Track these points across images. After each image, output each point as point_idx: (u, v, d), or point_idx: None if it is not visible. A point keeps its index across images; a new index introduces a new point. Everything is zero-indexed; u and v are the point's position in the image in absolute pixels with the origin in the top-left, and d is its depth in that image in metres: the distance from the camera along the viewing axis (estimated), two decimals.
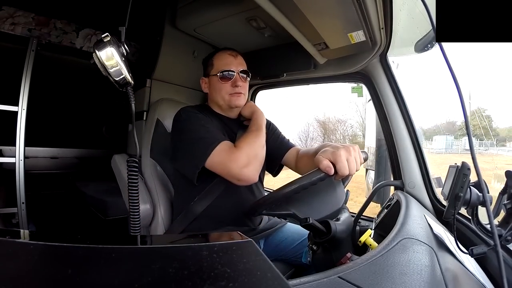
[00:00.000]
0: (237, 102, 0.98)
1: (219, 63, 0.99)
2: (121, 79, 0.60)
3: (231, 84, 0.96)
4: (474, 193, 0.62)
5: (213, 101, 1.03)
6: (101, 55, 0.58)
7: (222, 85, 0.97)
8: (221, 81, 0.96)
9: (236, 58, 1.00)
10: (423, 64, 1.20)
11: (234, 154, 0.82)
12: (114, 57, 0.58)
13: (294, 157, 1.08)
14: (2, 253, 0.24)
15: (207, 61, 1.04)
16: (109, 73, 0.59)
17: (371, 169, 1.43)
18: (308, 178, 0.64)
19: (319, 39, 0.96)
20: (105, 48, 0.58)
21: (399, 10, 0.84)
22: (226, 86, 0.97)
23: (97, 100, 2.23)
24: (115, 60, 0.58)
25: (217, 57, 1.01)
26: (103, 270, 0.23)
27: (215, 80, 0.98)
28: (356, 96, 1.30)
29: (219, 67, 0.98)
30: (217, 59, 1.00)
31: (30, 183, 1.46)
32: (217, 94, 0.99)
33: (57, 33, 1.49)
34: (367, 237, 0.68)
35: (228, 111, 1.03)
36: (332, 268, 0.46)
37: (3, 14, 1.33)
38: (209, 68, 1.01)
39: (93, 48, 0.58)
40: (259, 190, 1.06)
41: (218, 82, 0.97)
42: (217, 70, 0.97)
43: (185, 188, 0.96)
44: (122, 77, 0.60)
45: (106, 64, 0.58)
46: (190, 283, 0.22)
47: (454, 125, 3.76)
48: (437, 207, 1.03)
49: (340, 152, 0.64)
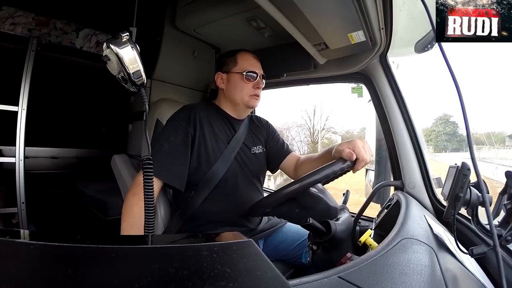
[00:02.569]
0: (254, 104, 1.00)
1: (244, 62, 0.99)
2: (139, 80, 0.57)
3: (253, 85, 0.98)
4: (474, 193, 0.62)
5: (229, 98, 1.01)
6: (122, 54, 0.55)
7: (245, 84, 0.97)
8: (245, 81, 0.97)
9: (258, 61, 1.02)
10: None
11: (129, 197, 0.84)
12: (134, 56, 0.56)
13: (293, 163, 1.10)
14: (2, 253, 0.24)
15: (228, 57, 1.02)
16: (128, 73, 0.56)
17: (371, 169, 1.43)
18: (331, 167, 0.67)
19: (319, 40, 0.96)
20: (126, 46, 0.55)
21: (399, 10, 0.84)
22: (248, 86, 0.98)
23: (97, 100, 2.23)
24: (135, 58, 0.56)
25: (241, 56, 1.01)
26: (103, 270, 0.23)
27: (238, 78, 0.98)
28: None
29: (244, 66, 0.98)
30: (241, 58, 1.00)
31: (30, 183, 1.46)
32: (237, 92, 0.99)
33: (57, 33, 1.49)
34: (367, 237, 0.68)
35: (241, 111, 1.03)
36: (332, 268, 0.46)
37: (3, 14, 1.33)
38: (231, 65, 1.00)
39: (108, 46, 0.55)
40: (258, 190, 1.07)
41: (241, 80, 0.97)
42: (241, 69, 0.98)
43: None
44: (141, 77, 0.57)
45: (126, 64, 0.55)
46: (190, 283, 0.22)
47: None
48: (437, 207, 1.03)
49: (357, 141, 0.73)
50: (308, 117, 13.83)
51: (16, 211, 1.40)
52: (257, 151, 1.07)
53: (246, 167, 1.02)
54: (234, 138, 1.01)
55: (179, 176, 0.91)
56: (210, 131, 0.97)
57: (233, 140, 1.00)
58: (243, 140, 1.03)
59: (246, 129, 1.06)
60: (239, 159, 1.00)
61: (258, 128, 1.12)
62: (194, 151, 0.94)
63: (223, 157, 0.97)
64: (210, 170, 0.94)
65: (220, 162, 0.96)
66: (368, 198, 1.07)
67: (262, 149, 1.09)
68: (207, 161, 0.94)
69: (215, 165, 0.95)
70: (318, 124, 13.86)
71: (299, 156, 1.12)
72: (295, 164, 1.10)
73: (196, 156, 0.94)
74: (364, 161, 0.72)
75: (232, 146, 0.99)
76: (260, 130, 1.12)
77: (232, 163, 0.98)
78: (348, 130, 14.74)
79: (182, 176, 0.91)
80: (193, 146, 0.94)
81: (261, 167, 1.09)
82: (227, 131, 1.02)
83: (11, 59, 1.45)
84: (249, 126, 1.09)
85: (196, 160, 0.94)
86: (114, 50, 0.55)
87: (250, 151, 1.05)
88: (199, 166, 0.94)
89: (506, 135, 4.47)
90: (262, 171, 1.10)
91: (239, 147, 1.01)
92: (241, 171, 1.00)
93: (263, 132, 1.13)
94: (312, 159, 1.03)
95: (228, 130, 1.02)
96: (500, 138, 6.81)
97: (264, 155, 1.10)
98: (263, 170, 1.11)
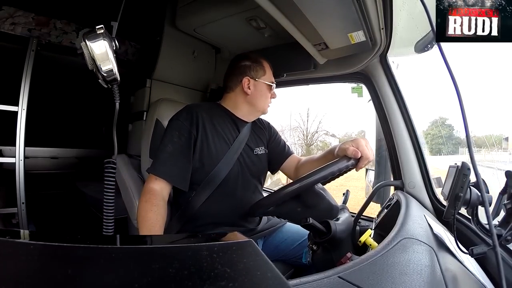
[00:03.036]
0: (268, 110, 1.07)
1: (270, 73, 1.05)
2: (109, 75, 0.57)
3: (272, 95, 1.06)
4: (474, 193, 0.62)
5: (251, 103, 1.03)
6: (93, 47, 0.54)
7: (269, 94, 1.05)
8: (270, 91, 1.04)
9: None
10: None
11: (142, 205, 0.86)
12: (106, 50, 0.55)
13: (293, 165, 1.11)
14: (2, 253, 0.24)
15: (255, 63, 1.02)
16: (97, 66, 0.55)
17: (371, 169, 1.43)
18: (336, 165, 0.68)
19: (319, 39, 0.96)
20: (98, 40, 0.54)
21: (399, 10, 0.84)
22: (269, 96, 1.05)
23: (97, 100, 2.22)
24: (107, 53, 0.55)
25: (267, 65, 1.05)
26: (103, 270, 0.23)
27: (265, 87, 1.03)
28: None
29: (270, 77, 1.05)
30: (268, 68, 1.05)
31: (30, 183, 1.46)
32: (262, 100, 1.03)
33: (57, 33, 1.49)
34: (367, 237, 0.68)
35: (254, 115, 1.07)
36: (332, 268, 0.46)
37: (3, 14, 1.33)
38: (260, 73, 1.02)
39: (83, 38, 0.54)
40: (259, 191, 1.07)
41: (268, 90, 1.04)
42: (270, 80, 1.04)
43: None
44: (111, 72, 0.57)
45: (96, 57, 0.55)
46: (190, 283, 0.22)
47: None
48: (437, 207, 1.03)
49: (361, 140, 0.75)
50: (302, 119, 14.08)
51: (16, 211, 1.40)
52: (260, 152, 1.07)
53: (247, 168, 1.02)
54: (237, 139, 1.01)
55: (183, 176, 0.91)
56: (213, 132, 0.97)
57: (237, 141, 1.00)
58: (246, 141, 1.03)
59: (249, 130, 1.07)
60: (241, 160, 1.01)
61: (260, 129, 1.12)
62: (196, 152, 0.94)
63: (226, 158, 0.97)
64: (212, 170, 0.94)
65: (222, 163, 0.96)
66: (368, 198, 1.07)
67: (264, 150, 1.10)
68: (210, 162, 0.94)
69: (218, 165, 0.95)
70: (312, 127, 14.08)
71: (300, 157, 1.12)
72: (295, 165, 1.10)
73: (198, 157, 0.94)
74: (368, 159, 0.74)
75: (235, 147, 1.00)
76: (263, 131, 1.13)
77: (235, 164, 0.98)
78: (346, 132, 14.88)
79: (186, 176, 0.92)
80: (196, 147, 0.94)
81: (262, 168, 1.09)
82: (232, 131, 1.02)
83: (11, 59, 1.45)
84: (252, 127, 1.09)
85: (198, 160, 0.94)
86: (87, 43, 0.54)
87: (252, 152, 1.05)
88: (201, 166, 0.94)
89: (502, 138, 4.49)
90: (263, 172, 1.10)
91: (242, 148, 1.01)
92: (242, 172, 1.00)
93: (265, 133, 1.13)
94: (313, 160, 1.03)
95: (232, 131, 1.02)
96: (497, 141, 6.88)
97: (266, 156, 1.11)
98: (264, 171, 1.11)
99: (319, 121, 14.11)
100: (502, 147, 3.90)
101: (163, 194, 0.89)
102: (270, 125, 1.18)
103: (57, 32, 1.49)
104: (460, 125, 0.48)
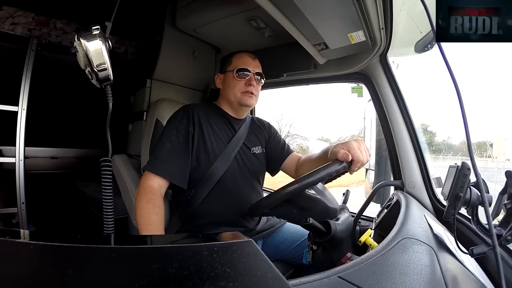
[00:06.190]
0: (248, 101, 1.00)
1: (237, 61, 1.02)
2: (103, 75, 0.57)
3: (245, 82, 0.99)
4: (474, 193, 0.62)
5: (225, 97, 1.04)
6: (89, 47, 0.54)
7: (237, 82, 0.99)
8: (237, 78, 0.99)
9: (254, 60, 1.04)
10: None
11: (143, 205, 0.85)
12: (102, 50, 0.55)
13: (294, 164, 1.10)
14: (2, 253, 0.24)
15: (226, 58, 1.07)
16: (92, 66, 0.56)
17: (371, 169, 1.43)
18: (325, 170, 0.66)
19: (319, 39, 0.96)
20: (94, 40, 0.55)
21: (399, 10, 0.84)
22: (240, 84, 0.99)
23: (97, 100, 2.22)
24: (102, 54, 0.55)
25: (236, 56, 1.04)
26: (103, 270, 0.23)
27: (230, 76, 1.00)
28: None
29: (236, 64, 1.01)
30: (236, 57, 1.03)
31: (30, 183, 1.46)
32: (230, 90, 1.01)
33: (57, 33, 1.49)
34: (367, 237, 0.68)
35: (237, 109, 1.04)
36: (332, 268, 0.46)
37: (3, 14, 1.33)
38: (227, 65, 1.04)
39: (77, 37, 0.54)
40: (258, 191, 1.07)
41: (233, 78, 0.99)
42: (234, 67, 1.00)
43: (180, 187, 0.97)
44: (105, 72, 0.57)
45: (92, 58, 0.55)
46: (190, 283, 0.22)
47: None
48: (437, 207, 1.03)
49: (352, 143, 0.70)
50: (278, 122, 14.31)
51: (16, 211, 1.40)
52: (257, 152, 1.07)
53: (245, 167, 1.02)
54: (234, 137, 1.01)
55: (181, 174, 0.91)
56: (210, 130, 0.98)
57: (234, 139, 1.01)
58: (243, 140, 1.04)
59: (247, 129, 1.07)
60: (238, 159, 1.01)
61: (259, 129, 1.12)
62: (193, 150, 0.94)
63: (223, 156, 0.97)
64: (209, 168, 0.95)
65: (219, 161, 0.96)
66: (368, 198, 1.07)
67: (262, 149, 1.10)
68: (206, 160, 0.95)
69: (215, 164, 0.95)
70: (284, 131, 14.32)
71: (300, 156, 1.12)
72: (296, 164, 1.10)
73: (195, 155, 0.94)
74: (360, 162, 0.70)
75: (232, 145, 1.00)
76: (261, 131, 1.13)
77: (232, 162, 0.98)
78: (340, 137, 15.03)
79: (185, 174, 0.92)
80: (193, 145, 0.94)
81: (260, 167, 1.09)
82: (227, 130, 1.02)
83: (11, 59, 1.45)
84: (250, 127, 1.09)
85: (195, 158, 0.94)
86: (82, 42, 0.54)
87: (250, 151, 1.05)
88: (198, 164, 0.94)
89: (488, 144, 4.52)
90: (261, 172, 1.10)
91: (239, 147, 1.01)
92: (240, 171, 1.00)
93: (264, 133, 1.13)
94: (311, 159, 1.03)
95: (228, 130, 1.03)
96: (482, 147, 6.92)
97: (264, 155, 1.11)
98: (262, 170, 1.11)
99: (289, 125, 14.42)
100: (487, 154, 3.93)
101: (162, 193, 0.89)
102: (270, 125, 1.18)
103: (57, 32, 1.49)
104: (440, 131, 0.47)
